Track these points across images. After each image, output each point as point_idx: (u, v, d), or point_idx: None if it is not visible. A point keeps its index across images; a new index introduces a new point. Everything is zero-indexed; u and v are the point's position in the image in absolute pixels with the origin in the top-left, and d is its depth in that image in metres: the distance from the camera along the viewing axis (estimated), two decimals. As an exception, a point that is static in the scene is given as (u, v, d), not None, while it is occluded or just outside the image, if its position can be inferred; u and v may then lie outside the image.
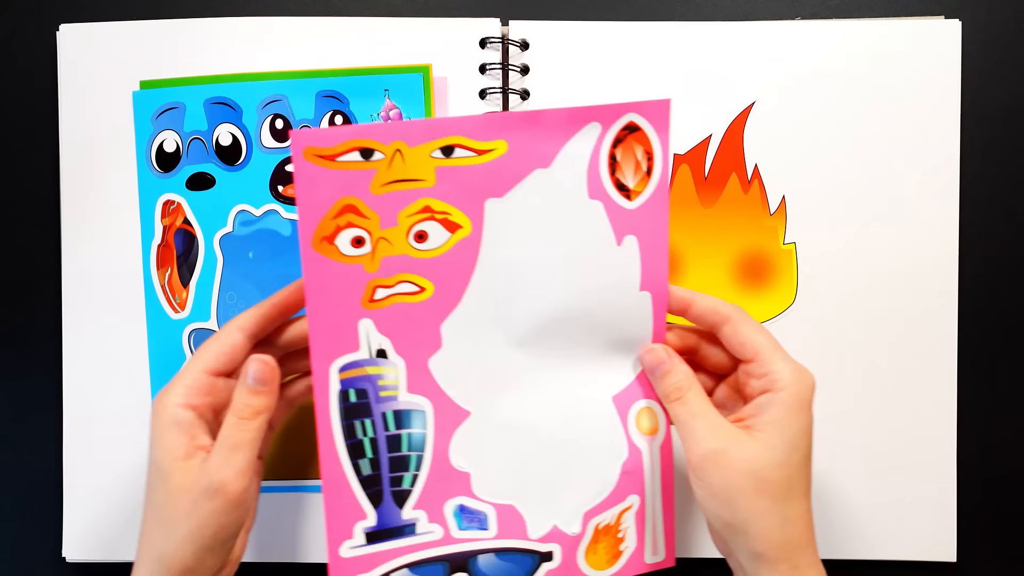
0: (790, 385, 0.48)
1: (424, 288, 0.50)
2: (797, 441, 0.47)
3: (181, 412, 0.47)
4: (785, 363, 0.48)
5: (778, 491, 0.46)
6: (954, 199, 0.60)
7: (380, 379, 0.50)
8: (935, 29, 0.60)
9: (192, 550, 0.45)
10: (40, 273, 0.62)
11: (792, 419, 0.47)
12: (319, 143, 0.46)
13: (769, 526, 0.46)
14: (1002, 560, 0.62)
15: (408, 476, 0.51)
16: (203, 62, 0.60)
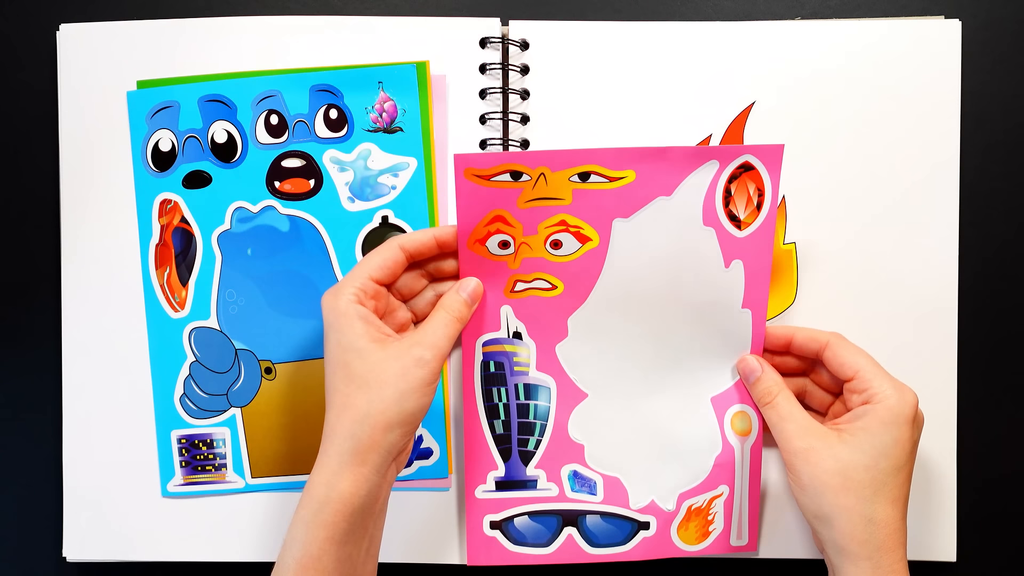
0: (887, 399, 0.52)
1: (556, 286, 0.58)
2: (888, 449, 0.52)
3: (358, 307, 0.53)
4: (884, 380, 0.53)
5: (863, 492, 0.51)
6: (954, 199, 0.60)
7: (515, 356, 0.59)
8: (935, 29, 0.60)
9: (398, 409, 0.51)
10: (39, 273, 0.62)
11: (884, 429, 0.52)
12: (477, 165, 0.55)
13: (852, 523, 0.51)
14: (1002, 560, 0.62)
15: (532, 440, 0.60)
16: (203, 62, 0.60)
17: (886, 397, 0.52)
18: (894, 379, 0.53)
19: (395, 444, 0.51)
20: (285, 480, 0.62)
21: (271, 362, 0.61)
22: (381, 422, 0.51)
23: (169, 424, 0.61)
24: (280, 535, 0.61)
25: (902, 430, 0.52)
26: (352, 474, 0.50)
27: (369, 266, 0.54)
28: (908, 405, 0.52)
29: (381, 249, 0.55)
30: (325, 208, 0.60)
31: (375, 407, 0.51)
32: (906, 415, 0.52)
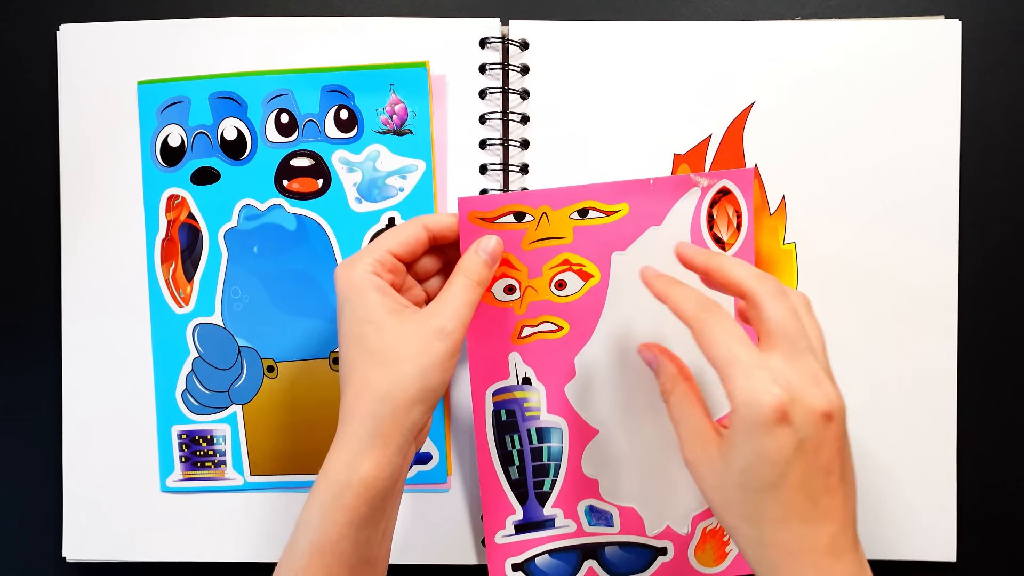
0: (735, 396, 0.44)
1: (562, 327, 0.58)
2: (753, 467, 0.43)
3: (374, 278, 0.51)
4: (737, 367, 0.44)
5: (744, 511, 0.45)
6: (954, 199, 0.60)
7: (526, 401, 0.59)
8: (935, 29, 0.60)
9: (420, 386, 0.49)
10: (39, 272, 0.63)
11: (742, 441, 0.44)
12: (481, 208, 0.55)
13: (745, 544, 0.45)
14: (1002, 560, 0.62)
15: (548, 480, 0.60)
16: (203, 62, 0.60)
17: (734, 394, 0.44)
18: (755, 362, 0.44)
19: (417, 422, 0.49)
20: (284, 479, 0.62)
21: (273, 360, 0.61)
22: (403, 401, 0.49)
23: (170, 419, 0.61)
24: (279, 535, 0.61)
25: (762, 442, 0.43)
26: (374, 456, 0.48)
27: (390, 240, 0.52)
28: (758, 407, 0.42)
29: (405, 225, 0.54)
30: (332, 208, 0.61)
31: (396, 385, 0.49)
32: (759, 421, 0.42)
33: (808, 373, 0.44)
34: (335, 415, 0.60)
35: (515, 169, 0.60)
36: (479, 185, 0.60)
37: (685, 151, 0.60)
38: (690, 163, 0.60)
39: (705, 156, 0.60)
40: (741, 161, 0.60)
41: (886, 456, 0.60)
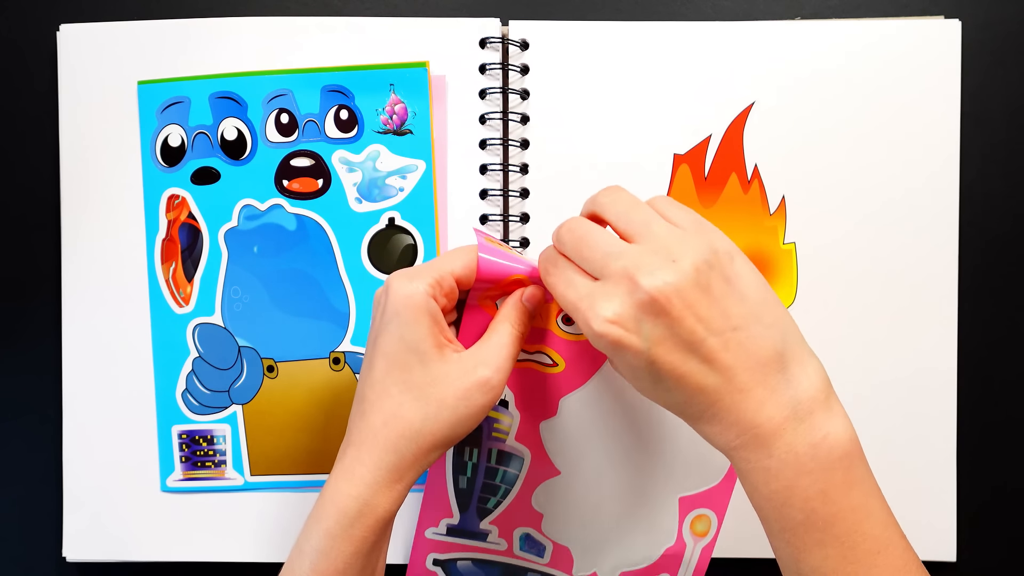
0: (582, 327, 0.45)
1: (557, 363, 0.56)
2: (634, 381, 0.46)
3: (431, 302, 0.48)
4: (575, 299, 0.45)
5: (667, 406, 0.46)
6: (954, 199, 0.60)
7: (496, 422, 0.57)
8: (935, 29, 0.60)
9: (450, 433, 0.47)
10: (39, 271, 0.62)
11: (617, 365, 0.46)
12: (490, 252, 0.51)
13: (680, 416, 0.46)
14: (1002, 560, 0.62)
15: (493, 500, 0.59)
16: (203, 62, 0.60)
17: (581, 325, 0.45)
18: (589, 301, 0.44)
19: (432, 462, 0.48)
20: (284, 479, 0.62)
21: (273, 360, 0.61)
22: (430, 443, 0.47)
23: (170, 419, 0.61)
24: (278, 534, 0.61)
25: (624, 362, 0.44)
26: (388, 491, 0.47)
27: (453, 262, 0.49)
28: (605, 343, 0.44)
29: (468, 248, 0.51)
30: (332, 208, 0.61)
31: (428, 427, 0.47)
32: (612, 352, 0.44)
33: (630, 271, 0.43)
34: (335, 415, 0.61)
35: (515, 169, 0.60)
36: (479, 185, 0.60)
37: (685, 151, 0.60)
38: (690, 163, 0.60)
39: (705, 156, 0.60)
40: (742, 162, 0.60)
41: (886, 456, 0.60)
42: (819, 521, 0.43)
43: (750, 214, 0.61)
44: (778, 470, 0.43)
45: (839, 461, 0.43)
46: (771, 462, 0.43)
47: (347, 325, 0.61)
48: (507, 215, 0.60)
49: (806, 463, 0.43)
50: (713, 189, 0.61)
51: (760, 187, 0.61)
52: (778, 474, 0.43)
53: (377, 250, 0.61)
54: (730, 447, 0.44)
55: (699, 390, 0.44)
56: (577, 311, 0.45)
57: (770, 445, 0.43)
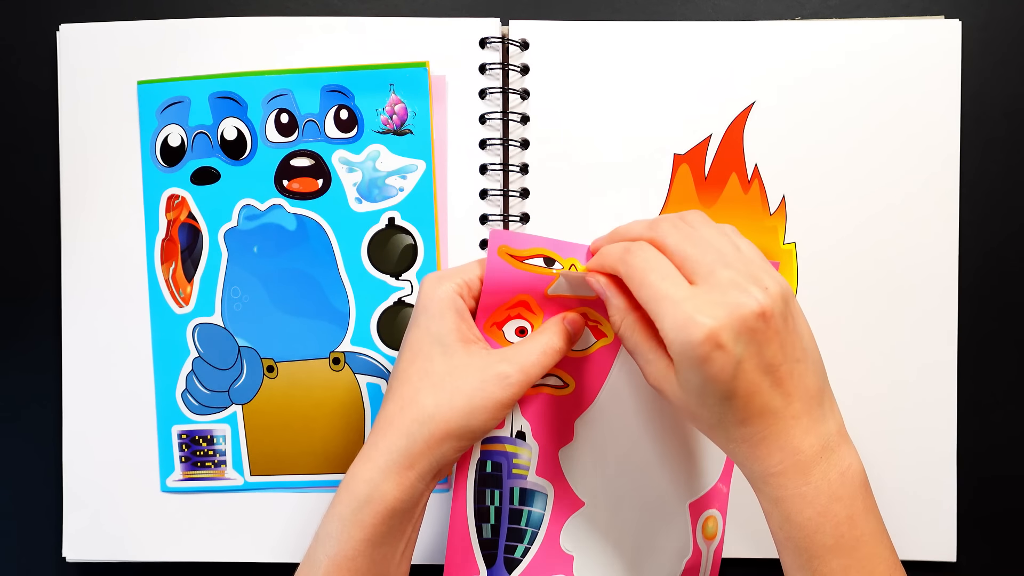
0: (667, 334, 0.45)
1: (568, 384, 0.56)
2: (702, 390, 0.45)
3: (458, 300, 0.50)
4: (666, 305, 0.45)
5: (706, 424, 0.47)
6: (954, 199, 0.60)
7: (515, 457, 0.56)
8: (935, 29, 0.60)
9: (463, 424, 0.48)
10: (39, 271, 0.62)
11: (686, 372, 0.45)
12: (513, 244, 0.52)
13: (718, 441, 0.48)
14: (1002, 560, 0.62)
15: (521, 547, 0.56)
16: (203, 62, 0.60)
17: (666, 333, 0.45)
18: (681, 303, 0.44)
19: (447, 455, 0.49)
20: (284, 479, 0.62)
21: (273, 360, 0.61)
22: (441, 430, 0.48)
23: (170, 419, 0.61)
24: (278, 534, 0.61)
25: (703, 369, 0.44)
26: (398, 476, 0.48)
27: (481, 268, 0.52)
28: (690, 343, 0.43)
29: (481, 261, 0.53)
30: (332, 208, 0.61)
31: (441, 413, 0.48)
32: (695, 354, 0.43)
33: (730, 286, 0.45)
34: (335, 415, 0.61)
35: (515, 169, 0.60)
36: (479, 185, 0.60)
37: (685, 151, 0.60)
38: (690, 163, 0.60)
39: (705, 156, 0.60)
40: (742, 162, 0.60)
41: (886, 455, 0.60)
42: (846, 546, 0.45)
43: (750, 214, 0.61)
44: (813, 496, 0.45)
45: (860, 488, 0.46)
46: (807, 488, 0.45)
47: (347, 325, 0.61)
48: (507, 215, 0.60)
49: (837, 489, 0.45)
50: (713, 189, 0.61)
51: (760, 187, 0.61)
52: (813, 500, 0.45)
53: (377, 250, 0.61)
54: (769, 472, 0.46)
55: (763, 412, 0.45)
56: (666, 308, 0.44)
57: (808, 472, 0.45)
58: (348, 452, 0.61)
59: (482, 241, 0.61)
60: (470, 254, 0.61)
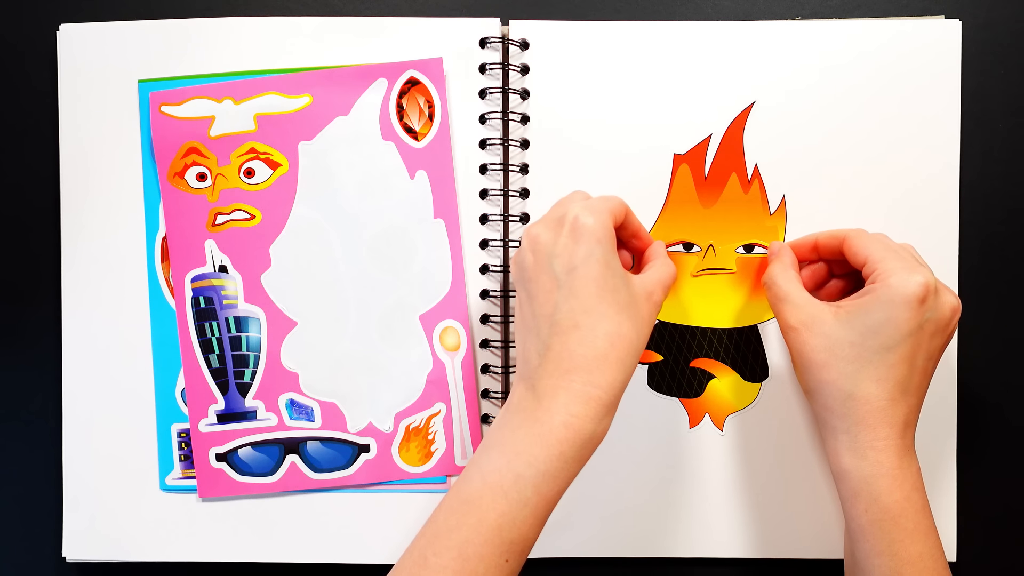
0: (889, 277, 0.51)
1: (254, 216, 0.61)
2: (878, 327, 0.50)
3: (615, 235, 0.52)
4: (894, 260, 0.52)
5: (845, 368, 0.51)
6: (954, 199, 0.60)
7: (223, 289, 0.61)
8: (935, 29, 0.60)
9: (644, 347, 0.51)
10: (40, 271, 0.62)
11: (879, 306, 0.51)
12: (168, 98, 0.60)
13: (832, 397, 0.52)
14: (1002, 560, 0.62)
15: (248, 372, 0.61)
16: (203, 62, 0.61)
17: (889, 275, 0.51)
18: (909, 262, 0.52)
19: None
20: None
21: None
22: (634, 357, 0.50)
23: (170, 418, 0.61)
24: (279, 534, 0.61)
25: (898, 309, 0.50)
26: (614, 409, 0.50)
27: (609, 201, 0.53)
28: (910, 284, 0.50)
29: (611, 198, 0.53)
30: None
31: (641, 342, 0.51)
32: (905, 294, 0.50)
33: (942, 283, 0.52)
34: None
35: (515, 169, 0.60)
36: (479, 185, 0.60)
37: (685, 151, 0.60)
38: (690, 163, 0.60)
39: (705, 156, 0.60)
40: (742, 161, 0.60)
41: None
42: (922, 533, 0.50)
43: (750, 214, 0.61)
44: (903, 480, 0.51)
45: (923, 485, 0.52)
46: (899, 472, 0.51)
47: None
48: (507, 215, 0.60)
49: (917, 480, 0.51)
50: (713, 189, 0.61)
51: (760, 187, 0.61)
52: (903, 484, 0.51)
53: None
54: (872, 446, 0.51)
55: (899, 382, 0.51)
56: (895, 262, 0.51)
57: (903, 456, 0.51)
58: (348, 452, 0.61)
59: (482, 241, 0.61)
60: (470, 254, 0.61)
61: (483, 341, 0.61)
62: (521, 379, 0.51)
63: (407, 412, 0.61)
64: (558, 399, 0.48)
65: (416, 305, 0.61)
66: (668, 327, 0.61)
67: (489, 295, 0.61)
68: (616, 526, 0.61)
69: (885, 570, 0.50)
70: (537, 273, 0.50)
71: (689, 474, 0.61)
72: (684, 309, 0.61)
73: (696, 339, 0.61)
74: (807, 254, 0.58)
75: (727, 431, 0.61)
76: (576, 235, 0.50)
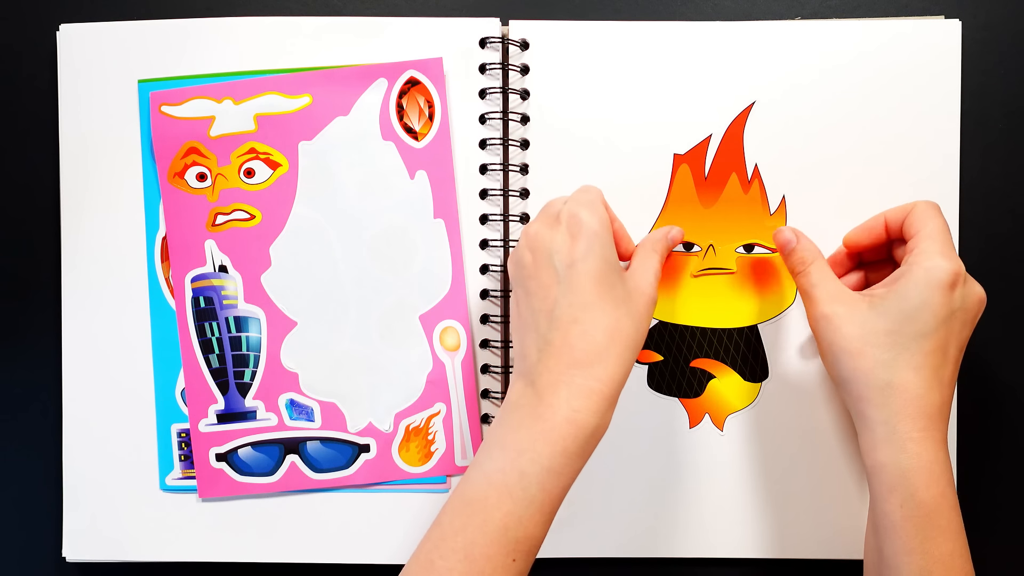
0: (926, 261, 0.51)
1: (254, 216, 0.61)
2: (914, 313, 0.50)
3: None
4: (933, 243, 0.52)
5: (882, 356, 0.51)
6: (954, 199, 0.60)
7: (223, 289, 0.61)
8: (935, 29, 0.60)
9: (643, 341, 0.52)
10: (40, 271, 0.63)
11: (915, 292, 0.50)
12: (169, 98, 0.60)
13: (868, 387, 0.51)
14: (1002, 560, 0.62)
15: (248, 372, 0.61)
16: (203, 62, 0.61)
17: (924, 259, 0.51)
18: (949, 247, 0.52)
19: None
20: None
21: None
22: (638, 352, 0.51)
23: (170, 418, 0.61)
24: (278, 534, 0.61)
25: (933, 294, 0.50)
26: (615, 403, 0.50)
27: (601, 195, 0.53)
28: (944, 270, 0.50)
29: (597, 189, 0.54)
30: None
31: (639, 337, 0.51)
32: (940, 279, 0.50)
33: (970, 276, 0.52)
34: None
35: (515, 169, 0.60)
36: (479, 185, 0.60)
37: (685, 151, 0.61)
38: (690, 163, 0.60)
39: (705, 156, 0.60)
40: (742, 161, 0.60)
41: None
42: (953, 531, 0.50)
43: (750, 214, 0.61)
44: (939, 475, 0.50)
45: None
46: (937, 466, 0.50)
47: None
48: (507, 215, 0.60)
49: (951, 478, 0.51)
50: (713, 189, 0.61)
51: (760, 187, 0.61)
52: (939, 479, 0.50)
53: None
54: (911, 437, 0.50)
55: (935, 370, 0.51)
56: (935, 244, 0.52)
57: (939, 450, 0.50)
58: (348, 452, 0.61)
59: (482, 241, 0.61)
60: (470, 254, 0.61)
61: (483, 341, 0.61)
62: (519, 375, 0.51)
63: (407, 412, 0.61)
64: (559, 394, 0.48)
65: (416, 305, 0.61)
66: (668, 327, 0.61)
67: (489, 295, 0.61)
68: (616, 526, 0.61)
69: (914, 568, 0.49)
70: (537, 269, 0.51)
71: (689, 474, 0.61)
72: (684, 309, 0.61)
73: (696, 339, 0.61)
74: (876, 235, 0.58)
75: (727, 431, 0.61)
76: (574, 231, 0.50)
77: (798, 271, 0.56)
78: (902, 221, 0.55)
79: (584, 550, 0.61)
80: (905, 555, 0.49)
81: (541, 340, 0.50)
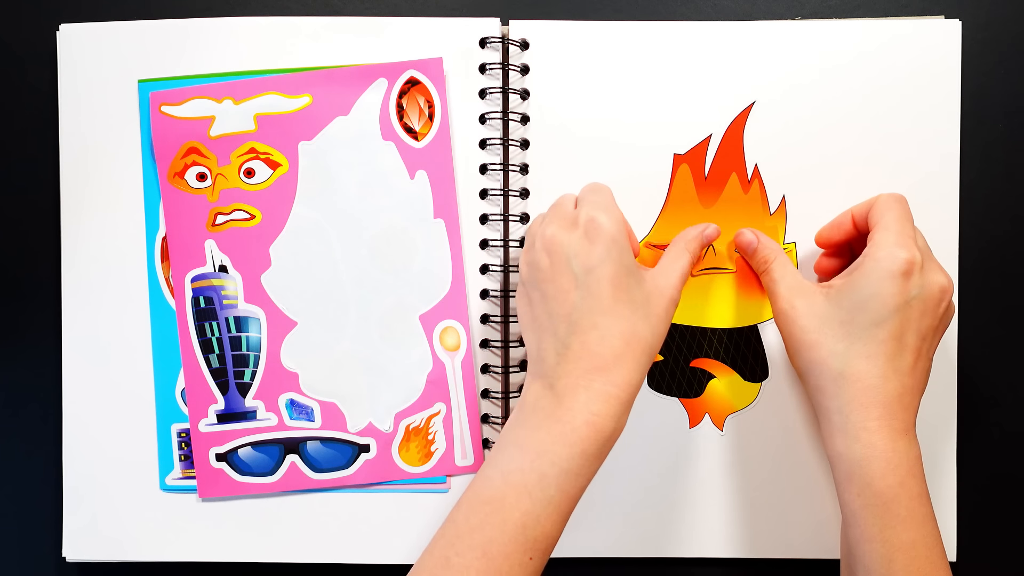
0: (878, 252, 0.52)
1: (254, 216, 0.61)
2: (867, 303, 0.51)
3: None
4: (889, 234, 0.52)
5: (835, 347, 0.52)
6: (954, 199, 0.60)
7: (223, 289, 0.61)
8: (935, 29, 0.60)
9: (661, 341, 0.52)
10: (40, 271, 0.63)
11: (865, 282, 0.51)
12: (169, 98, 0.60)
13: (823, 378, 0.52)
14: (1002, 560, 0.62)
15: (248, 372, 0.61)
16: (203, 62, 0.61)
17: (877, 249, 0.52)
18: (905, 237, 0.52)
19: None
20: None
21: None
22: (654, 356, 0.51)
23: (169, 418, 0.61)
24: (278, 534, 0.61)
25: (884, 283, 0.51)
26: (627, 414, 0.50)
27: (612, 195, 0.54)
28: (896, 259, 0.51)
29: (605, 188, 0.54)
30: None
31: (656, 341, 0.51)
32: (891, 269, 0.51)
33: (935, 262, 0.53)
34: (335, 415, 0.61)
35: (515, 169, 0.60)
36: (479, 185, 0.60)
37: (685, 151, 0.61)
38: (690, 163, 0.60)
39: (705, 156, 0.60)
40: (742, 161, 0.60)
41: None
42: (916, 521, 0.50)
43: (750, 214, 0.61)
44: (897, 464, 0.50)
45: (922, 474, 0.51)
46: (894, 455, 0.50)
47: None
48: (507, 215, 0.60)
49: (913, 466, 0.51)
50: (713, 189, 0.61)
51: (760, 187, 0.61)
52: (896, 468, 0.50)
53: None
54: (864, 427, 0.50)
55: (890, 358, 0.51)
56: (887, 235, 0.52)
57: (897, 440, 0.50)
58: (348, 452, 0.61)
59: (482, 241, 0.61)
60: (470, 254, 0.61)
61: (483, 341, 0.61)
62: (536, 377, 0.51)
63: (407, 412, 0.61)
64: (579, 398, 0.49)
65: (416, 305, 0.61)
66: (668, 327, 0.61)
67: (489, 295, 0.61)
68: (616, 526, 0.61)
69: (876, 556, 0.49)
70: (554, 273, 0.51)
71: (689, 474, 0.61)
72: (684, 309, 0.61)
73: (696, 339, 0.61)
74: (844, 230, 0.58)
75: (727, 431, 0.61)
76: (592, 235, 0.51)
77: (761, 270, 0.58)
78: (866, 214, 0.56)
79: (584, 550, 0.61)
80: (866, 543, 0.50)
81: (560, 344, 0.50)
